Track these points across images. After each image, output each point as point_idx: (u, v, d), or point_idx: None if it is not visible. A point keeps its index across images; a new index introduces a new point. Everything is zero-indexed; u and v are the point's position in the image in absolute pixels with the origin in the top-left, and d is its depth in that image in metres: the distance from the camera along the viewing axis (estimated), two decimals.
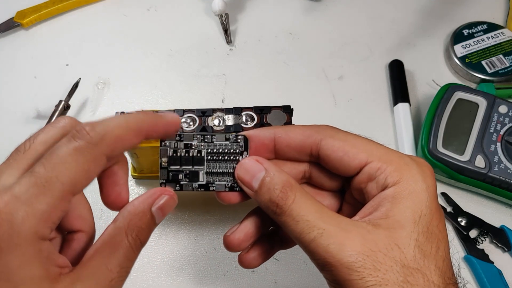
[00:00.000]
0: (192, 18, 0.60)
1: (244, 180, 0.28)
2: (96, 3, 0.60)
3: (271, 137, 0.29)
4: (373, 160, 0.27)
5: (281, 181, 0.27)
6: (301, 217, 0.25)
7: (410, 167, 0.26)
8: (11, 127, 0.51)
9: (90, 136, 0.23)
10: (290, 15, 0.60)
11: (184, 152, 0.29)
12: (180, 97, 0.54)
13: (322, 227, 0.25)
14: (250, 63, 0.56)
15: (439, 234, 0.26)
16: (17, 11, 0.57)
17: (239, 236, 0.29)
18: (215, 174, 0.30)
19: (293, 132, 0.29)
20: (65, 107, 0.49)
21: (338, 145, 0.28)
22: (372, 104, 0.53)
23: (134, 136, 0.25)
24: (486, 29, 0.56)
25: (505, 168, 0.44)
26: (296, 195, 0.26)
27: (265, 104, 0.39)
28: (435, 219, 0.26)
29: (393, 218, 0.25)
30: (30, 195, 0.22)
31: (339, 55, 0.57)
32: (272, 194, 0.27)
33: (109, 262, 0.24)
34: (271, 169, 0.27)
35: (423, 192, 0.26)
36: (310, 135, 0.28)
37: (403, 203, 0.25)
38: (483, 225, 0.45)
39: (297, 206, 0.26)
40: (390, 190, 0.26)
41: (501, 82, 0.53)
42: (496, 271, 0.43)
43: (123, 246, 0.25)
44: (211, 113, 0.39)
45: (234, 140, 0.29)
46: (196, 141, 0.30)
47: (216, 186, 0.30)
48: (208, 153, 0.30)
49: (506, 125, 0.46)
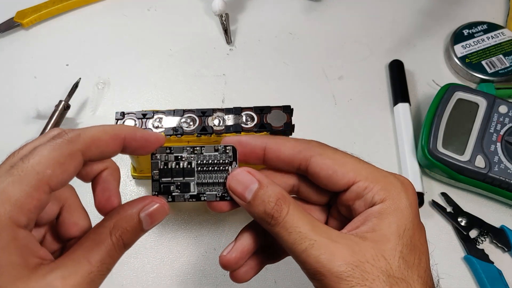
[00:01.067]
0: (192, 18, 0.60)
1: (236, 191, 0.29)
2: (96, 3, 0.60)
3: (262, 146, 0.30)
4: (360, 180, 0.28)
5: (275, 194, 0.28)
6: (294, 228, 0.27)
7: (395, 186, 0.28)
8: (11, 127, 0.51)
9: (67, 135, 0.25)
10: (290, 15, 0.60)
11: (175, 164, 0.30)
12: (180, 97, 0.54)
13: (313, 238, 0.26)
14: (250, 63, 0.56)
15: (421, 247, 0.27)
16: (17, 11, 0.57)
17: (235, 255, 0.30)
18: (206, 185, 0.31)
19: (284, 146, 0.30)
20: (65, 107, 0.49)
21: (327, 164, 0.29)
22: (372, 104, 0.53)
23: (110, 139, 0.26)
24: (486, 29, 0.56)
25: (505, 168, 0.44)
26: (290, 207, 0.27)
27: (265, 104, 0.39)
28: (417, 233, 0.28)
29: (380, 232, 0.27)
30: (6, 184, 0.23)
31: (339, 55, 0.57)
32: (267, 206, 0.28)
33: (91, 255, 0.25)
34: (264, 181, 0.28)
35: (406, 209, 0.27)
36: (300, 151, 0.29)
37: (388, 219, 0.27)
38: (483, 225, 0.46)
39: (291, 218, 0.27)
40: (377, 207, 0.28)
41: (501, 82, 0.53)
42: (496, 271, 0.43)
43: (106, 244, 0.25)
44: (211, 113, 0.39)
45: (223, 151, 0.30)
46: (186, 153, 0.30)
47: (207, 196, 0.30)
48: (198, 164, 0.30)
49: (506, 125, 0.46)
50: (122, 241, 0.26)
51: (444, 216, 0.46)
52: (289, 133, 0.39)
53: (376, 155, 0.50)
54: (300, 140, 0.30)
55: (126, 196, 0.47)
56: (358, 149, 0.50)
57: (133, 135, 0.27)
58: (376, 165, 0.51)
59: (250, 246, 0.31)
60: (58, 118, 0.48)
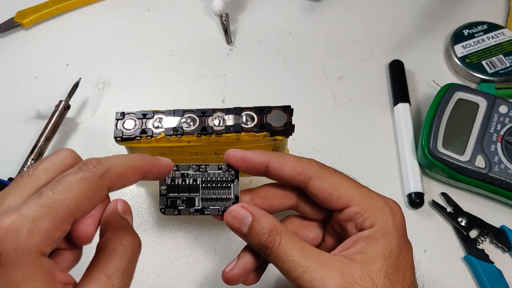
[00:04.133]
0: (192, 18, 0.60)
1: (233, 226, 0.32)
2: (96, 3, 0.60)
3: (265, 163, 0.32)
4: (353, 205, 0.31)
5: (268, 226, 0.31)
6: (287, 257, 0.30)
7: (383, 211, 0.31)
8: (11, 127, 0.51)
9: (96, 169, 0.26)
10: (290, 15, 0.60)
11: (181, 180, 0.33)
12: (180, 97, 0.54)
13: (305, 265, 0.29)
14: (250, 63, 0.56)
15: (406, 265, 0.30)
16: (17, 11, 0.57)
17: (237, 272, 0.33)
18: (210, 200, 0.33)
19: (286, 167, 0.32)
20: (65, 107, 0.49)
21: (324, 187, 0.32)
22: (372, 104, 0.53)
23: (133, 174, 0.28)
24: (486, 29, 0.56)
25: (505, 168, 0.44)
26: (282, 237, 0.30)
27: (265, 104, 0.39)
28: (403, 253, 0.30)
29: (367, 254, 0.30)
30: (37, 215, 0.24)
31: (339, 55, 0.57)
32: (261, 238, 0.30)
33: (107, 269, 0.26)
34: (257, 214, 0.31)
35: (392, 233, 0.30)
36: (300, 173, 0.32)
37: (376, 243, 0.30)
38: (483, 225, 0.45)
39: (283, 248, 0.30)
40: (366, 232, 0.31)
41: (501, 82, 0.53)
42: (496, 271, 0.43)
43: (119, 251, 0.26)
44: (211, 113, 0.39)
45: (226, 170, 0.33)
46: (191, 171, 0.33)
47: (211, 210, 0.33)
48: (203, 181, 0.33)
49: (506, 125, 0.46)
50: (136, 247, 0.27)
51: (444, 216, 0.46)
52: (289, 133, 0.39)
53: (376, 155, 0.50)
54: (302, 160, 0.32)
55: (127, 196, 0.47)
56: (358, 149, 0.50)
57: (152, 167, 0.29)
58: (376, 165, 0.51)
59: (252, 264, 0.33)
60: (58, 118, 0.48)
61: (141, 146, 0.39)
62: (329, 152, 0.50)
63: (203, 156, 0.41)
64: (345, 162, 0.50)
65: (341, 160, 0.50)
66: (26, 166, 0.45)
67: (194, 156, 0.41)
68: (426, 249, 0.45)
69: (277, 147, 0.41)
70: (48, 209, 0.24)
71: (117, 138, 0.38)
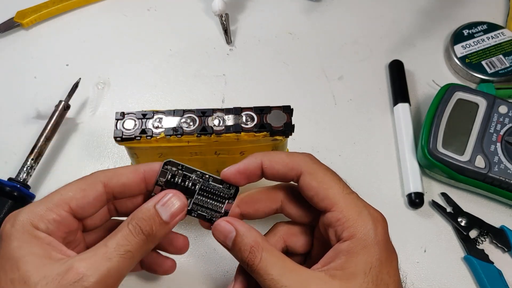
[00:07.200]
0: (192, 18, 0.60)
1: (219, 239, 0.32)
2: (96, 3, 0.60)
3: (258, 166, 0.32)
4: (335, 210, 0.30)
5: (250, 242, 0.31)
6: (267, 275, 0.29)
7: (365, 223, 0.30)
8: (11, 127, 0.51)
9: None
10: (290, 15, 0.60)
11: (181, 180, 0.33)
12: (180, 97, 0.54)
13: (285, 284, 0.29)
14: (250, 63, 0.56)
15: (389, 279, 0.29)
16: (17, 11, 0.57)
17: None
18: (201, 206, 0.34)
19: (277, 164, 0.32)
20: (65, 107, 0.49)
21: (312, 185, 0.31)
22: (372, 104, 0.53)
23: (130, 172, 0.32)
24: (486, 29, 0.56)
25: (505, 168, 0.44)
26: (263, 255, 0.30)
27: (265, 104, 0.39)
28: (385, 267, 0.29)
29: (348, 270, 0.29)
30: (34, 204, 0.29)
31: (339, 55, 0.57)
32: (243, 254, 0.31)
33: (108, 241, 0.28)
34: (240, 229, 0.31)
35: (373, 246, 0.29)
36: (292, 168, 0.32)
37: (356, 257, 0.29)
38: (483, 225, 0.45)
39: (263, 265, 0.30)
40: (345, 244, 0.30)
41: (501, 82, 0.53)
42: (496, 271, 0.43)
43: (122, 231, 0.29)
44: (211, 113, 0.39)
45: (227, 187, 0.33)
46: (194, 175, 0.33)
47: (197, 214, 0.34)
48: (200, 189, 0.33)
49: (506, 125, 0.46)
50: (139, 228, 0.29)
51: (444, 216, 0.46)
52: (289, 133, 0.39)
53: (376, 155, 0.50)
54: (293, 156, 0.32)
55: None
56: (358, 149, 0.50)
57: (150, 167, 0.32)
58: (376, 165, 0.51)
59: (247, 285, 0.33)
60: (58, 118, 0.48)
61: (141, 146, 0.39)
62: (329, 152, 0.50)
63: (203, 156, 0.41)
64: (345, 162, 0.50)
65: (341, 160, 0.50)
66: (26, 166, 0.45)
67: (194, 156, 0.41)
68: (426, 249, 0.45)
69: (277, 147, 0.41)
70: (45, 198, 0.29)
71: (117, 138, 0.38)
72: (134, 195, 0.33)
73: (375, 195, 0.47)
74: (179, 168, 0.33)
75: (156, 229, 0.30)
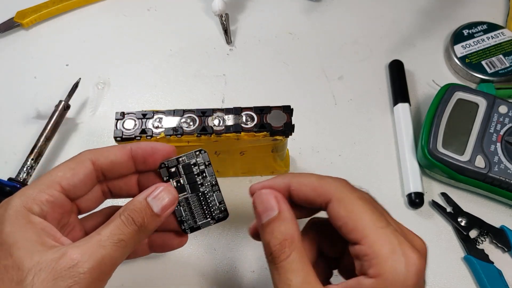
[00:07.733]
0: (192, 18, 0.60)
1: (256, 209, 0.30)
2: (96, 3, 0.60)
3: (286, 187, 0.30)
4: (364, 244, 0.27)
5: (286, 233, 0.28)
6: (286, 278, 0.27)
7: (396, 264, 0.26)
8: (11, 127, 0.51)
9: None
10: (290, 15, 0.60)
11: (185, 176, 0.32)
12: (180, 97, 0.54)
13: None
14: (250, 63, 0.56)
15: None
16: (17, 11, 0.57)
17: None
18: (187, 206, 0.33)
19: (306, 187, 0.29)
20: (65, 107, 0.49)
21: (341, 214, 0.28)
22: (372, 104, 0.53)
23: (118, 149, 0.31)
24: (486, 29, 0.56)
25: (505, 168, 0.44)
26: (292, 254, 0.27)
27: (265, 104, 0.39)
28: None
29: None
30: (25, 188, 0.29)
31: (339, 55, 0.57)
32: (272, 241, 0.28)
33: (101, 230, 0.28)
34: (284, 214, 0.28)
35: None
36: (320, 194, 0.29)
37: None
38: (483, 225, 0.45)
39: (288, 266, 0.27)
40: (369, 281, 0.26)
41: (501, 82, 0.53)
42: (496, 271, 0.43)
43: (115, 221, 0.29)
44: (211, 113, 0.39)
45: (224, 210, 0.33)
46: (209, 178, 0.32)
47: (176, 210, 0.32)
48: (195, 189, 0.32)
49: (506, 125, 0.46)
50: (132, 219, 0.29)
51: (444, 216, 0.46)
52: (289, 133, 0.39)
53: (376, 155, 0.50)
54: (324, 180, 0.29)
55: None
56: (358, 149, 0.50)
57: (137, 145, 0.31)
58: (376, 165, 0.51)
59: None
60: (58, 118, 0.48)
61: None
62: (329, 152, 0.50)
63: None
64: (345, 162, 0.50)
65: (341, 160, 0.50)
66: (26, 166, 0.45)
67: None
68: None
69: (277, 147, 0.41)
70: (36, 181, 0.29)
71: (117, 138, 0.38)
72: (124, 173, 0.32)
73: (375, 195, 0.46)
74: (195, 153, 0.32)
75: (148, 221, 0.29)
